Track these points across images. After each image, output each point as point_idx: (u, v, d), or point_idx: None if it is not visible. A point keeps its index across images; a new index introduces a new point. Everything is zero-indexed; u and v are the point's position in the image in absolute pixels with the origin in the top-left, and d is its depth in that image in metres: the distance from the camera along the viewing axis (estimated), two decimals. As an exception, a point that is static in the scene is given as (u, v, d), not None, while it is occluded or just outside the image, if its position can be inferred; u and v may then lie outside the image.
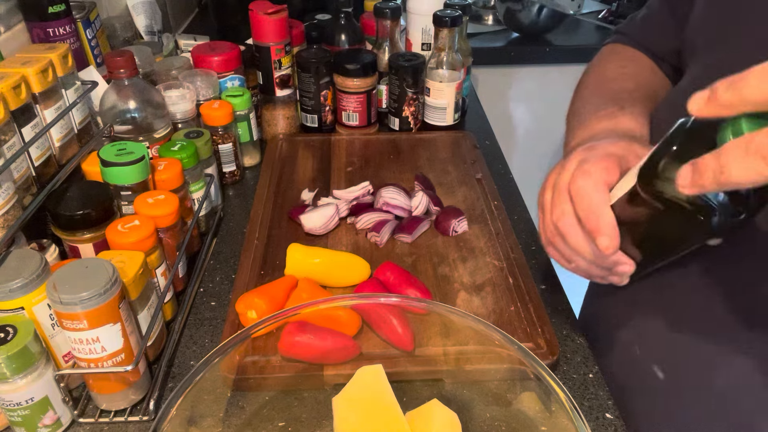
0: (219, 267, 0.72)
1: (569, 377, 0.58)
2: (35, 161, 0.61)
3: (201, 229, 0.76)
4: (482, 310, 0.63)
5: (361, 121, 0.95)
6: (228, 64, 0.88)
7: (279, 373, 0.55)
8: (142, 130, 0.71)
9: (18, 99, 0.58)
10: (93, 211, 0.58)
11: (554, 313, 0.65)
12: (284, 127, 0.96)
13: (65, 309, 0.46)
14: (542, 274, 0.71)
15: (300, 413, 0.52)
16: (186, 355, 0.61)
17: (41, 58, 0.62)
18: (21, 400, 0.48)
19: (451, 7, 0.95)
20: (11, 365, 0.46)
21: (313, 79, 0.91)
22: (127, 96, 0.70)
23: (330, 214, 0.74)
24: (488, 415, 0.51)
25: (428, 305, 0.51)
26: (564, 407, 0.41)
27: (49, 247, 0.57)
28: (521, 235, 0.75)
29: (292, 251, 0.65)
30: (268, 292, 0.61)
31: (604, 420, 0.54)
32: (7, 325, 0.47)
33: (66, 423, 0.52)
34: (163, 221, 0.60)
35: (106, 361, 0.49)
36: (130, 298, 0.53)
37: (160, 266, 0.59)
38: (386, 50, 0.99)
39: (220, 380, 0.49)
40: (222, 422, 0.49)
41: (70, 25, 0.75)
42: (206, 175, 0.75)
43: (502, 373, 0.50)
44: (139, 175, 0.61)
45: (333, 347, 0.55)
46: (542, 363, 0.43)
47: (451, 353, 0.55)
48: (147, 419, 0.54)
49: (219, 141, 0.82)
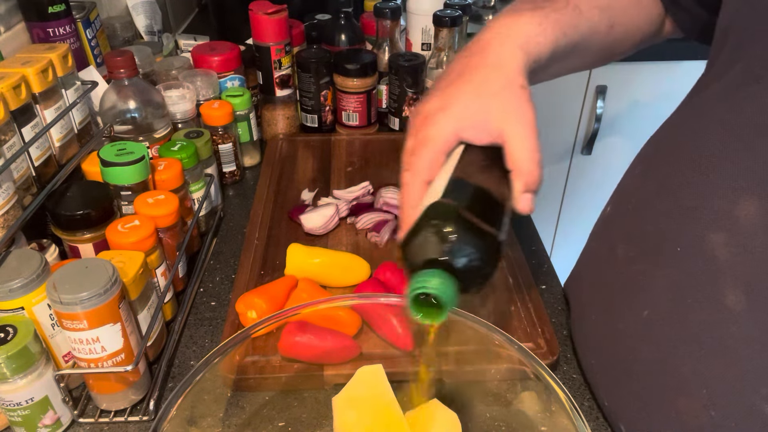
0: (219, 267, 0.72)
1: (569, 377, 0.58)
2: (35, 161, 0.61)
3: (201, 229, 0.76)
4: (482, 310, 0.63)
5: (361, 121, 0.95)
6: (228, 64, 0.88)
7: (279, 373, 0.55)
8: (142, 130, 0.71)
9: (18, 99, 0.58)
10: (93, 211, 0.58)
11: (554, 313, 0.65)
12: (284, 127, 0.96)
13: (65, 309, 0.46)
14: (542, 274, 0.71)
15: (300, 413, 0.52)
16: (186, 355, 0.61)
17: (41, 58, 0.62)
18: (21, 400, 0.48)
19: (451, 7, 0.95)
20: (11, 365, 0.46)
21: (313, 79, 0.91)
22: (127, 96, 0.70)
23: (330, 214, 0.74)
24: (488, 415, 0.51)
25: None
26: (564, 407, 0.41)
27: (49, 247, 0.57)
28: (521, 235, 0.75)
29: (292, 251, 0.65)
30: (268, 292, 0.61)
31: (605, 420, 0.54)
32: (7, 325, 0.47)
33: (66, 423, 0.52)
34: (163, 221, 0.60)
35: (106, 361, 0.49)
36: (130, 298, 0.53)
37: (160, 266, 0.59)
38: (386, 50, 0.99)
39: (220, 380, 0.49)
40: (222, 422, 0.49)
41: (70, 25, 0.75)
42: (206, 175, 0.75)
43: (502, 373, 0.50)
44: (139, 175, 0.61)
45: (333, 347, 0.55)
46: (542, 363, 0.43)
47: (451, 353, 0.55)
48: (147, 419, 0.54)
49: (219, 141, 0.82)
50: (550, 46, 0.48)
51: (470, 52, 0.48)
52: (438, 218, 0.41)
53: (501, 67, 0.46)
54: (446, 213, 0.41)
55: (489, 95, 0.45)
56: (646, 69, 1.41)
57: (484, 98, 0.45)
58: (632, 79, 1.43)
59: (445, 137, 0.45)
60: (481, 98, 0.45)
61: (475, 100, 0.45)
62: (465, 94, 0.46)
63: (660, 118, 0.56)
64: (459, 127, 0.45)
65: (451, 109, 0.45)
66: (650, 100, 1.46)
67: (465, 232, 0.41)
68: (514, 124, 0.44)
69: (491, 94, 0.45)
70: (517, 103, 0.44)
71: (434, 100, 0.47)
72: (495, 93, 0.45)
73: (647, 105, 1.48)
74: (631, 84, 1.44)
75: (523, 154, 0.43)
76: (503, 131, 0.44)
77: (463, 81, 0.46)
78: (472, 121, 0.45)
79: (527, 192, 0.44)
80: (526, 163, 0.43)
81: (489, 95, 0.45)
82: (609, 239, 0.56)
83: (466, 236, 0.40)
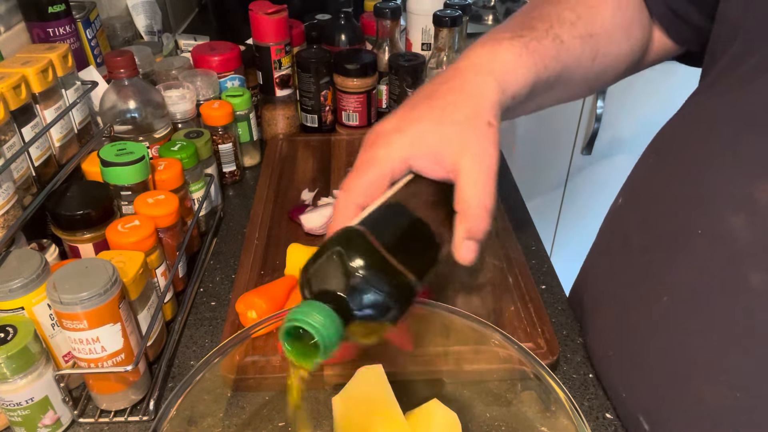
0: (219, 267, 0.72)
1: (569, 377, 0.58)
2: (35, 161, 0.61)
3: (201, 229, 0.76)
4: (482, 310, 0.63)
5: (361, 121, 0.95)
6: (228, 64, 0.88)
7: (279, 373, 0.55)
8: (142, 130, 0.71)
9: (18, 99, 0.58)
10: (93, 211, 0.58)
11: (554, 313, 0.65)
12: (284, 127, 0.96)
13: (65, 309, 0.46)
14: (542, 274, 0.71)
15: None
16: (186, 355, 0.61)
17: (41, 58, 0.62)
18: (21, 400, 0.48)
19: (451, 7, 0.95)
20: (11, 365, 0.46)
21: (313, 79, 0.91)
22: (127, 96, 0.70)
23: (330, 214, 0.74)
24: (488, 415, 0.51)
25: (428, 305, 0.50)
26: (564, 407, 0.41)
27: (49, 247, 0.57)
28: (521, 235, 0.75)
29: (292, 251, 0.65)
30: (268, 292, 0.61)
31: (604, 420, 0.54)
32: (7, 325, 0.47)
33: (66, 423, 0.52)
34: (163, 221, 0.60)
35: (106, 361, 0.49)
36: (130, 298, 0.53)
37: (160, 266, 0.59)
38: (386, 50, 0.99)
39: (220, 380, 0.49)
40: (222, 422, 0.49)
41: (70, 25, 0.75)
42: (206, 175, 0.75)
43: (502, 373, 0.50)
44: (139, 175, 0.61)
45: (333, 347, 0.55)
46: (542, 363, 0.43)
47: (451, 353, 0.55)
48: (147, 419, 0.54)
49: (219, 141, 0.82)
50: (530, 80, 0.45)
51: (443, 78, 0.45)
52: (345, 246, 0.35)
53: (471, 97, 0.42)
54: (357, 243, 0.36)
55: (450, 124, 0.41)
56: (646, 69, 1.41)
57: (444, 127, 0.41)
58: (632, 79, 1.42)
59: (392, 162, 0.41)
60: (442, 126, 0.41)
61: (434, 128, 0.41)
62: (425, 119, 0.42)
63: (660, 118, 0.56)
64: (411, 154, 0.41)
65: (406, 132, 0.42)
66: (650, 101, 1.46)
67: (372, 271, 0.35)
68: (471, 161, 0.40)
69: (453, 122, 0.41)
70: (480, 140, 0.41)
71: (393, 120, 0.43)
72: (457, 122, 0.41)
73: (647, 105, 1.48)
74: (630, 84, 1.44)
75: (473, 196, 0.40)
76: (457, 166, 0.40)
77: (427, 105, 0.43)
78: (427, 150, 0.41)
79: (470, 239, 0.40)
80: (475, 207, 0.39)
81: (450, 124, 0.41)
82: (622, 230, 0.56)
83: (372, 276, 0.34)
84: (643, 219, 0.52)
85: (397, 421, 0.45)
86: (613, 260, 0.57)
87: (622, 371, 0.53)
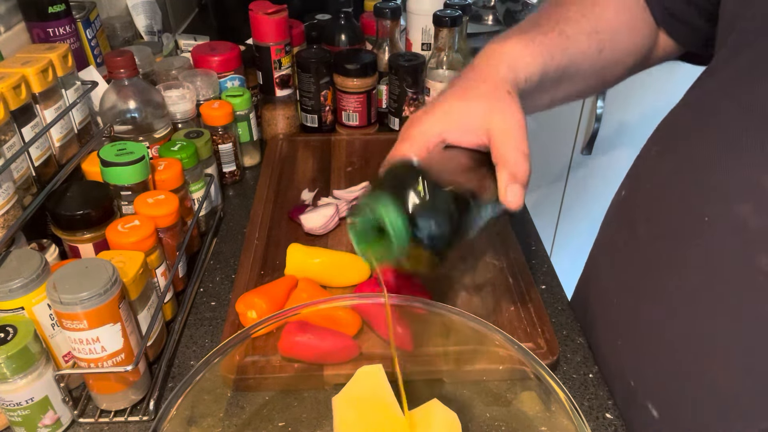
0: (219, 267, 0.72)
1: (569, 377, 0.58)
2: (35, 161, 0.61)
3: (201, 229, 0.76)
4: (482, 310, 0.63)
5: (361, 121, 0.95)
6: (228, 64, 0.88)
7: (279, 373, 0.55)
8: (142, 130, 0.71)
9: (18, 99, 0.58)
10: (93, 211, 0.58)
11: (554, 313, 0.65)
12: (284, 127, 0.96)
13: (65, 309, 0.46)
14: (542, 274, 0.71)
15: (300, 413, 0.52)
16: (186, 355, 0.61)
17: (41, 58, 0.62)
18: (21, 400, 0.48)
19: (451, 7, 0.95)
20: (11, 365, 0.46)
21: (313, 79, 0.91)
22: (127, 96, 0.70)
23: (330, 214, 0.74)
24: (488, 415, 0.51)
25: (428, 305, 0.51)
26: (564, 407, 0.41)
27: (49, 247, 0.57)
28: (521, 235, 0.75)
29: (292, 251, 0.65)
30: (268, 292, 0.61)
31: (604, 420, 0.54)
32: (7, 325, 0.47)
33: (66, 423, 0.52)
34: (163, 221, 0.60)
35: (106, 361, 0.49)
36: (130, 298, 0.53)
37: (160, 266, 0.59)
38: (386, 50, 0.99)
39: (220, 380, 0.49)
40: (222, 422, 0.49)
41: (70, 25, 0.75)
42: (206, 175, 0.75)
43: (502, 373, 0.50)
44: (139, 175, 0.61)
45: (333, 347, 0.55)
46: (542, 363, 0.43)
47: (451, 353, 0.55)
48: (147, 419, 0.54)
49: (219, 141, 0.82)
50: (538, 66, 0.49)
51: (460, 75, 0.49)
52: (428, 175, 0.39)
53: (487, 77, 0.46)
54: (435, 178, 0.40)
55: (474, 98, 0.45)
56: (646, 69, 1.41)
57: (469, 101, 0.45)
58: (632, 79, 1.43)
59: (427, 137, 0.45)
60: (466, 101, 0.45)
61: (460, 103, 0.45)
62: (449, 98, 0.46)
63: (660, 117, 0.56)
64: (443, 129, 0.45)
65: (435, 112, 0.46)
66: (650, 100, 1.46)
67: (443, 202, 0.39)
68: (500, 119, 0.44)
69: (476, 96, 0.45)
70: (504, 104, 0.44)
71: (422, 108, 0.48)
72: (480, 95, 0.45)
73: (647, 105, 1.48)
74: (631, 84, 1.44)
75: (508, 144, 0.43)
76: (488, 129, 0.44)
77: (449, 92, 0.47)
78: (457, 121, 0.45)
79: (514, 183, 0.43)
80: (512, 151, 0.43)
81: (474, 98, 0.45)
82: (628, 221, 0.56)
83: (443, 206, 0.39)
84: (650, 208, 0.52)
85: (397, 421, 0.45)
86: (620, 252, 0.57)
87: (631, 360, 0.53)
